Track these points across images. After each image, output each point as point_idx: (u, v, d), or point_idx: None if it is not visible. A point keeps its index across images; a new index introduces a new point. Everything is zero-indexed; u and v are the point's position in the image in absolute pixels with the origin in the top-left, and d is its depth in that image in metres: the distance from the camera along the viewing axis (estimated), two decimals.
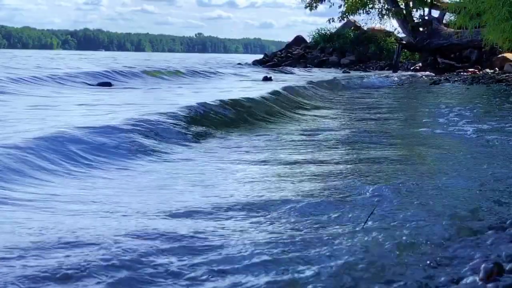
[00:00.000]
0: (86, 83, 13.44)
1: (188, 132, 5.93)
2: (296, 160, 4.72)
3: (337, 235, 2.56)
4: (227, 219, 2.88)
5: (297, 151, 5.28)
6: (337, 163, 4.56)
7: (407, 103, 12.05)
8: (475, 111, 9.19)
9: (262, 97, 9.26)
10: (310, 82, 14.33)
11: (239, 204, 3.16)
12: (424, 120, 8.03)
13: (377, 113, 9.08)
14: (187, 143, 5.51)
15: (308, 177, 4.03)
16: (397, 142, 5.93)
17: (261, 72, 22.28)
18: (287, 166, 4.46)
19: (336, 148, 5.49)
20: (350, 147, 5.58)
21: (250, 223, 2.81)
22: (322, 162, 4.64)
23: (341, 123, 8.09)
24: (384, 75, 22.96)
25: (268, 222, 2.81)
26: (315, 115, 8.93)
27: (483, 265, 2.09)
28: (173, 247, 2.37)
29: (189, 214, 2.97)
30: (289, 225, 2.76)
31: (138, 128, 5.46)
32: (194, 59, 45.24)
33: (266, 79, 17.70)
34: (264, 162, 4.65)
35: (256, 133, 6.56)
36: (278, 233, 2.60)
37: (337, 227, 2.71)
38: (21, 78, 12.46)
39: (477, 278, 2.04)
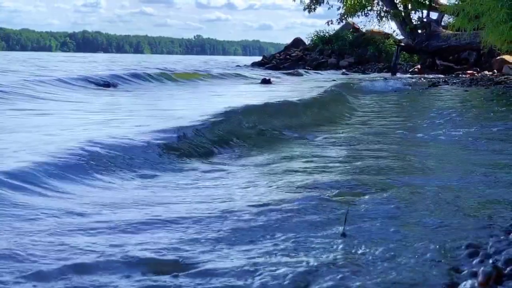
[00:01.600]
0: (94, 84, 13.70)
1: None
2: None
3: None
4: None
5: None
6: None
7: (406, 106, 12.05)
8: (474, 114, 9.19)
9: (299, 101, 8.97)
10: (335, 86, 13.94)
11: None
12: (423, 123, 8.04)
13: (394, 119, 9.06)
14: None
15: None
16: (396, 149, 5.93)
17: (270, 75, 21.43)
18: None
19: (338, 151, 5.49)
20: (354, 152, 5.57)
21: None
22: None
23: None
24: (383, 77, 22.90)
25: None
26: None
27: (482, 269, 2.08)
28: None
29: None
30: None
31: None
32: (193, 61, 45.21)
33: (265, 81, 17.49)
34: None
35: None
36: None
37: None
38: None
39: (476, 282, 2.03)
